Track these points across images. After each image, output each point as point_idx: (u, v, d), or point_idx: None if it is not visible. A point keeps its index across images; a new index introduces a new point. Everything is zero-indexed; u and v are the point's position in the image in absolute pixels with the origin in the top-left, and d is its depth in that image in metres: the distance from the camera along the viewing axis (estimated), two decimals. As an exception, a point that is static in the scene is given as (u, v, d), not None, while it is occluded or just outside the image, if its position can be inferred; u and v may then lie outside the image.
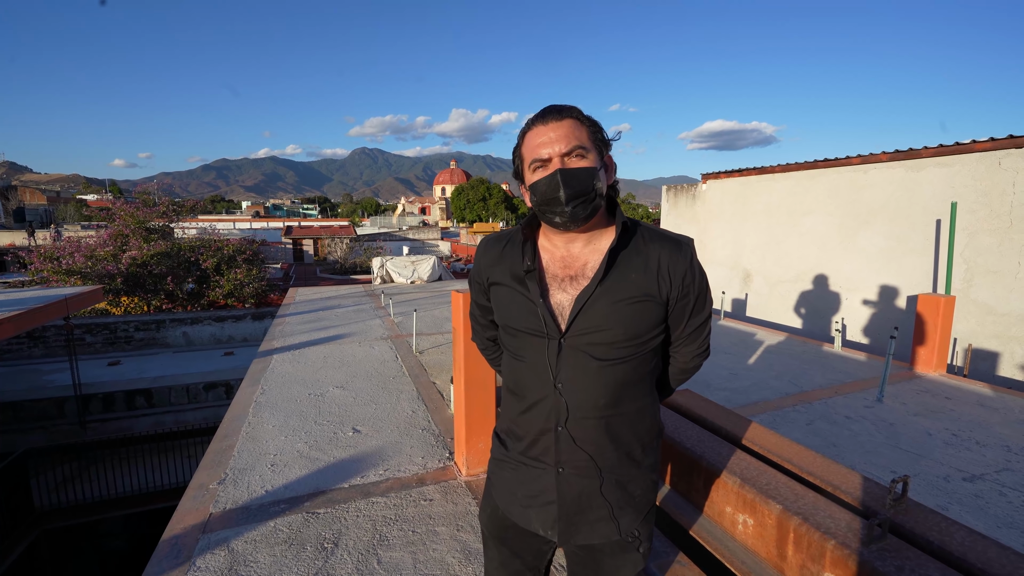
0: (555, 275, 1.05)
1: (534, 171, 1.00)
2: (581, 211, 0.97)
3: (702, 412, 2.11)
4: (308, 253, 32.07)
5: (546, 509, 1.05)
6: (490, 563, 1.21)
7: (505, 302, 1.08)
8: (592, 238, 1.06)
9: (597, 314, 0.98)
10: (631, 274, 1.00)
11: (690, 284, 1.04)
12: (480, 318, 1.26)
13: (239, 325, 12.82)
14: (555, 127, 0.98)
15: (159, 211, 15.50)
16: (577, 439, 1.01)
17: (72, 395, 8.23)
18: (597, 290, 0.98)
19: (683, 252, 1.03)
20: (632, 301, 0.99)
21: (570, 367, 0.99)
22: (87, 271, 12.82)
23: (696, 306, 1.07)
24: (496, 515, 1.14)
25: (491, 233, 1.19)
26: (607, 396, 1.00)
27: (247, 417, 3.43)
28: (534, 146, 0.99)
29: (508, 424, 1.12)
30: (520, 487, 1.08)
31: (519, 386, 1.07)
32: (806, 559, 1.38)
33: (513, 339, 1.08)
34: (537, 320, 1.01)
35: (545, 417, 1.02)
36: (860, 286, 6.09)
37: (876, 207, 5.91)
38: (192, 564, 1.97)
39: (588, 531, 1.05)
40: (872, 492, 1.52)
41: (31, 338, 11.23)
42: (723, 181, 8.00)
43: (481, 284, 1.16)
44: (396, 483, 2.59)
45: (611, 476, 1.03)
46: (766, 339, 5.52)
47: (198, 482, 2.59)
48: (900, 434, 3.12)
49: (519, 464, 1.08)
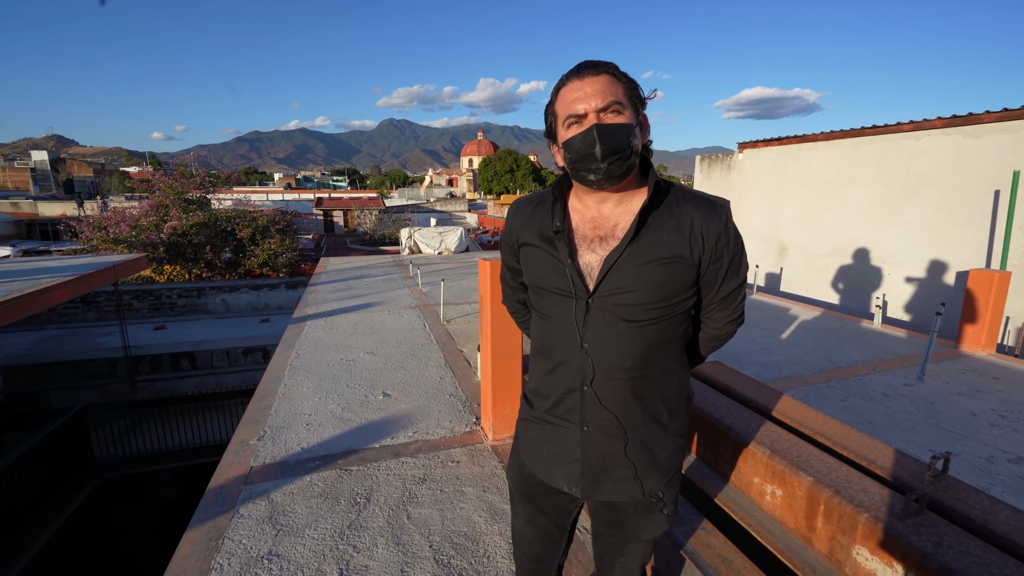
0: (585, 236, 1.03)
1: (568, 127, 0.97)
2: (616, 168, 0.94)
3: (731, 383, 2.08)
4: (338, 224, 32.60)
5: (570, 467, 1.06)
6: (516, 518, 1.24)
7: (534, 262, 1.07)
8: (624, 198, 1.03)
9: (626, 275, 0.96)
10: (663, 235, 0.97)
11: (724, 247, 1.00)
12: (510, 280, 1.25)
13: (274, 293, 13.25)
14: (591, 82, 0.94)
15: (196, 182, 15.94)
16: (602, 399, 1.01)
17: (122, 356, 8.74)
18: (627, 250, 0.96)
19: (718, 214, 1.00)
20: (662, 262, 0.96)
21: (597, 327, 0.98)
22: (132, 240, 13.40)
23: (730, 270, 1.04)
24: (522, 472, 1.16)
25: (523, 195, 1.18)
26: (633, 358, 0.99)
27: (283, 379, 3.57)
28: (569, 101, 0.96)
29: (535, 384, 1.12)
30: (545, 445, 1.09)
31: (546, 346, 1.07)
32: (836, 531, 1.36)
33: (541, 299, 1.07)
34: (565, 280, 1.00)
35: (571, 376, 1.02)
36: (904, 261, 5.80)
37: (927, 177, 5.56)
38: (236, 511, 2.10)
39: (611, 489, 1.06)
40: (910, 468, 1.48)
41: (85, 302, 11.91)
42: (760, 150, 7.65)
43: (511, 246, 1.16)
44: (425, 445, 2.67)
45: (636, 437, 1.03)
46: (801, 314, 5.36)
47: (239, 438, 2.73)
48: (940, 413, 3.01)
49: (544, 423, 1.09)
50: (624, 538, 1.14)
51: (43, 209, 28.91)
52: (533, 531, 1.20)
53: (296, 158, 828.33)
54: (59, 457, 6.32)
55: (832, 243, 6.62)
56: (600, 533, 1.19)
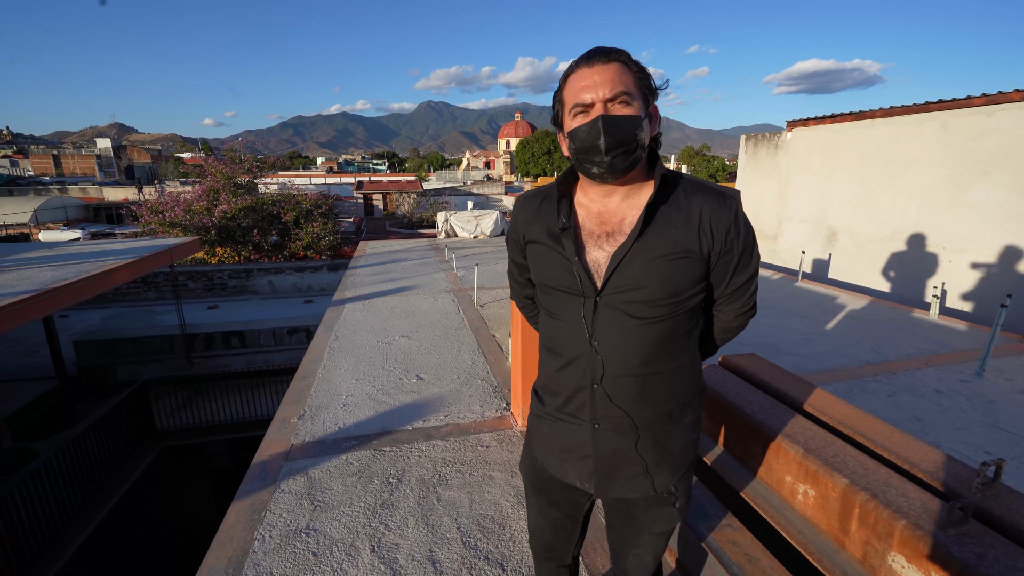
0: (591, 232, 1.01)
1: (574, 117, 0.94)
2: (621, 162, 0.91)
3: (766, 377, 2.01)
4: (378, 208, 33.25)
5: (582, 463, 1.06)
6: (531, 510, 1.26)
7: (541, 260, 1.06)
8: (631, 192, 1.00)
9: (634, 271, 0.94)
10: (670, 229, 0.95)
11: (734, 239, 0.98)
12: (518, 276, 1.25)
13: (317, 275, 13.73)
14: (600, 70, 0.91)
15: (244, 167, 16.58)
16: (612, 396, 1.00)
17: (179, 334, 9.31)
18: (634, 246, 0.94)
19: (727, 205, 0.97)
20: (671, 258, 0.94)
21: (606, 325, 0.97)
22: (186, 223, 14.14)
23: (740, 263, 1.01)
24: (535, 467, 1.17)
25: (529, 190, 1.16)
26: (643, 355, 0.97)
27: (323, 360, 3.71)
28: (576, 90, 0.93)
29: (545, 380, 1.12)
30: (556, 442, 1.09)
31: (555, 343, 1.06)
32: (871, 536, 1.30)
33: (549, 297, 1.06)
34: (572, 278, 0.99)
35: (580, 374, 1.01)
36: (968, 247, 5.39)
37: (999, 155, 5.11)
38: (277, 486, 2.22)
39: (624, 485, 1.05)
40: (957, 473, 1.39)
41: (145, 283, 12.73)
42: (811, 129, 7.23)
43: (518, 242, 1.15)
44: (455, 428, 2.73)
45: (647, 433, 1.02)
46: (848, 303, 5.10)
47: (281, 416, 2.87)
48: (1000, 412, 2.82)
49: (555, 420, 1.09)
50: (636, 531, 1.14)
51: (108, 194, 30.90)
52: (545, 522, 1.21)
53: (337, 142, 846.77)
54: (125, 426, 6.85)
55: (888, 227, 6.23)
56: (613, 525, 1.20)
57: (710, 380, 2.05)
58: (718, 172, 44.41)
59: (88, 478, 5.93)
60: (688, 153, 50.48)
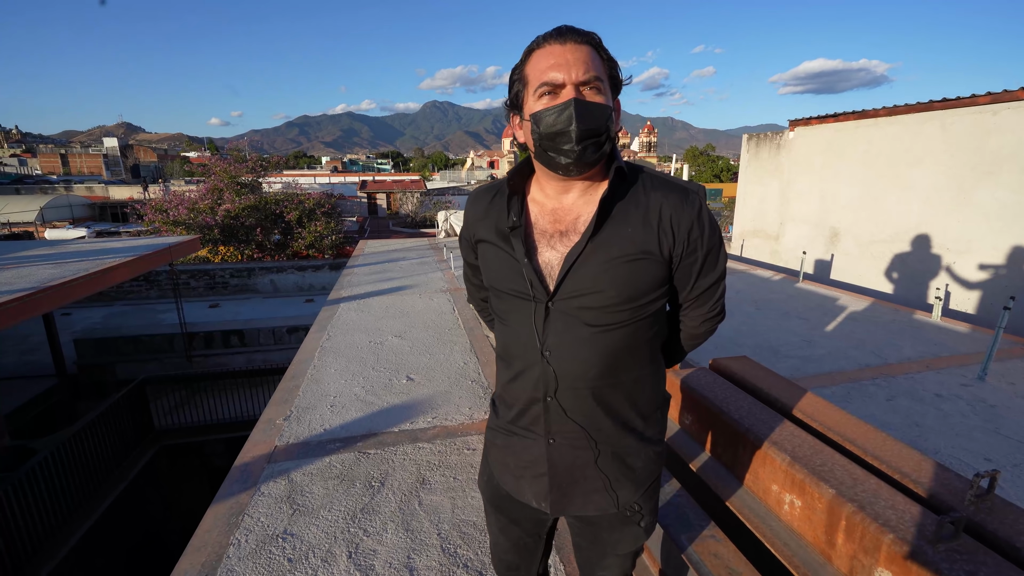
0: (544, 231, 0.93)
1: (540, 97, 0.85)
2: (591, 154, 0.84)
3: (756, 381, 1.95)
4: (381, 207, 33.29)
5: (538, 480, 1.00)
6: (491, 528, 1.19)
7: (491, 261, 0.99)
8: (588, 188, 0.93)
9: (588, 274, 0.87)
10: (627, 228, 0.88)
11: (697, 239, 0.90)
12: (472, 278, 1.18)
13: (318, 274, 13.73)
14: (574, 49, 0.82)
15: (248, 167, 16.63)
16: (568, 410, 0.93)
17: (179, 332, 9.32)
18: (588, 246, 0.87)
19: (689, 202, 0.89)
20: (628, 259, 0.87)
21: (558, 333, 0.90)
22: (189, 222, 14.19)
23: (706, 264, 0.94)
24: (492, 483, 1.11)
25: (481, 184, 1.09)
26: (600, 365, 0.90)
27: (313, 360, 3.68)
28: (545, 67, 0.83)
29: (500, 391, 1.06)
30: (512, 457, 1.03)
31: (507, 352, 0.99)
32: (858, 550, 1.25)
33: (499, 301, 0.99)
34: (523, 281, 0.91)
35: (533, 386, 0.94)
36: (972, 248, 5.29)
37: (1005, 155, 5.01)
38: (257, 490, 2.18)
39: (582, 502, 0.99)
40: (950, 485, 1.33)
41: (147, 281, 12.76)
42: (814, 128, 7.13)
43: (469, 241, 1.08)
44: (442, 431, 2.69)
45: (607, 448, 0.95)
46: (850, 305, 5.01)
47: (267, 417, 2.84)
48: (1002, 418, 2.74)
49: (509, 434, 1.02)
50: (601, 552, 1.08)
51: (113, 193, 31.08)
52: (507, 541, 1.15)
53: (343, 142, 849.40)
54: (123, 424, 6.85)
55: (890, 228, 6.13)
56: (579, 545, 1.13)
57: (699, 383, 2.00)
58: (722, 172, 44.20)
59: (85, 476, 5.93)
60: (693, 153, 50.23)
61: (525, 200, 0.98)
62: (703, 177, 42.19)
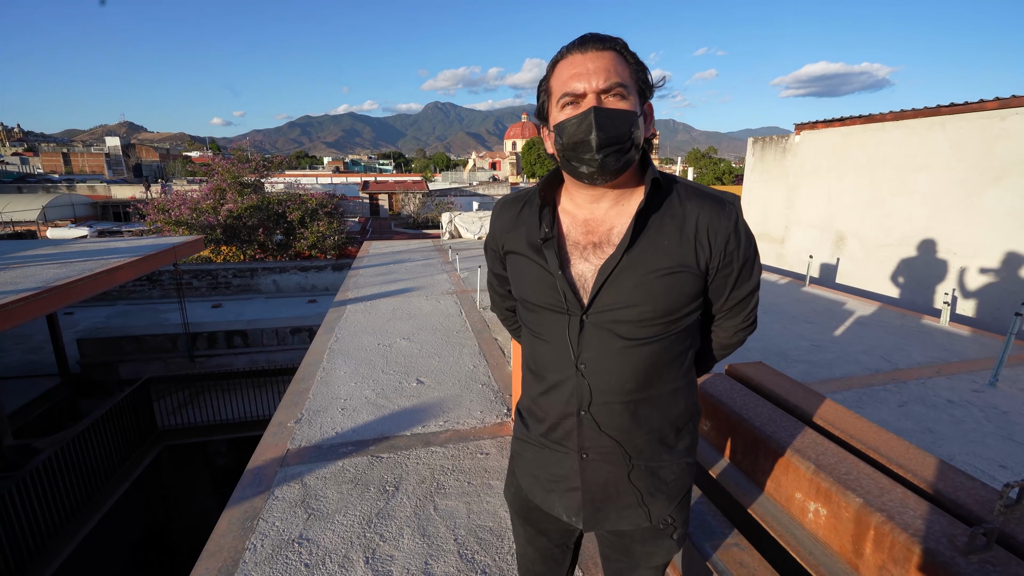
0: (576, 242, 0.92)
1: (563, 108, 0.85)
2: (613, 162, 0.82)
3: (775, 388, 1.94)
4: (383, 208, 33.29)
5: (569, 495, 0.98)
6: (518, 538, 1.18)
7: (521, 273, 0.97)
8: (621, 198, 0.91)
9: (623, 288, 0.86)
10: (663, 241, 0.87)
11: (734, 251, 0.89)
12: (498, 287, 1.16)
13: (321, 275, 13.73)
14: (595, 57, 0.82)
15: (251, 167, 16.62)
16: (602, 424, 0.91)
17: (182, 332, 9.31)
18: (623, 260, 0.86)
19: (726, 213, 0.88)
20: (664, 272, 0.86)
21: (594, 347, 0.88)
22: (192, 222, 14.18)
23: (741, 275, 0.93)
24: (520, 495, 1.09)
25: (508, 194, 1.07)
26: (635, 379, 0.89)
27: (322, 363, 3.67)
28: (567, 78, 0.83)
29: (528, 403, 1.03)
30: (542, 470, 1.01)
31: (538, 365, 0.97)
32: (887, 560, 1.24)
33: (531, 314, 0.97)
34: (556, 294, 0.90)
35: (566, 400, 0.92)
36: (980, 253, 5.29)
37: (1013, 160, 5.00)
38: (271, 493, 2.18)
39: (616, 518, 0.98)
40: (978, 495, 1.33)
41: (150, 281, 12.76)
42: (820, 132, 7.13)
43: (496, 252, 1.06)
44: (455, 435, 2.68)
45: (640, 462, 0.94)
46: (857, 309, 5.01)
47: (278, 420, 2.83)
48: (1015, 424, 2.73)
49: (540, 447, 1.00)
50: (633, 565, 1.06)
51: (116, 192, 31.10)
52: (534, 551, 1.14)
53: (344, 142, 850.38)
54: (127, 424, 6.84)
55: (897, 232, 6.13)
56: (608, 556, 1.12)
57: (716, 389, 1.99)
58: (724, 175, 44.17)
59: (88, 475, 5.92)
60: (695, 155, 50.26)
61: (556, 211, 0.97)
62: (705, 179, 42.18)
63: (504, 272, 1.07)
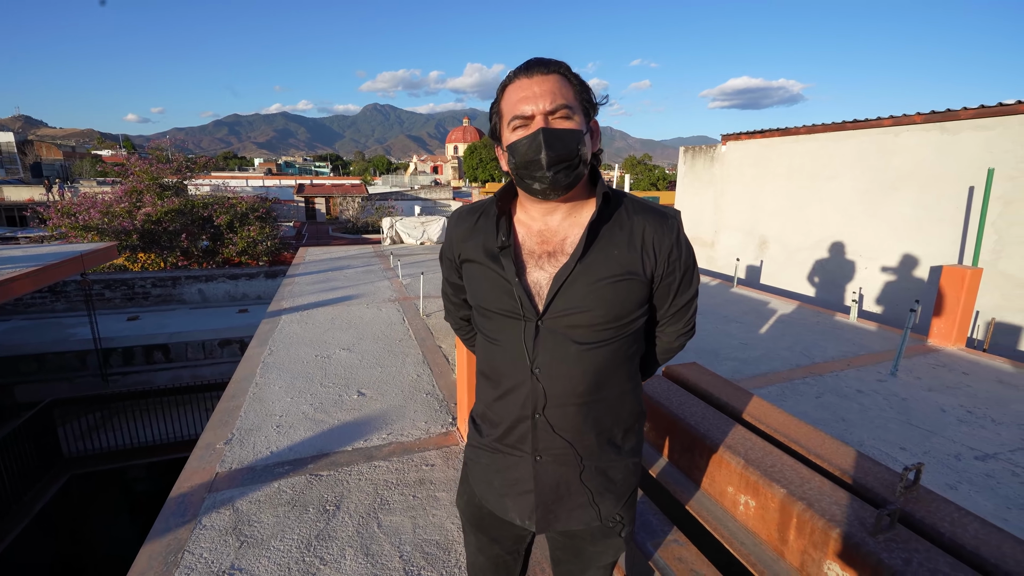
0: (532, 251, 0.97)
1: (514, 130, 0.90)
2: (564, 178, 0.88)
3: (708, 387, 2.06)
4: (320, 212, 32.02)
5: (523, 498, 1.01)
6: (469, 547, 1.19)
7: (478, 281, 1.00)
8: (573, 210, 0.97)
9: (577, 294, 0.91)
10: (613, 250, 0.93)
11: (676, 260, 0.97)
12: (452, 297, 1.19)
13: (253, 283, 12.97)
14: (540, 81, 0.88)
15: (173, 167, 15.44)
16: (556, 426, 0.95)
17: (92, 348, 8.47)
18: (577, 268, 0.91)
19: (669, 226, 0.96)
20: (614, 280, 0.91)
21: (548, 351, 0.93)
22: (103, 227, 12.95)
23: (682, 284, 1.00)
24: (473, 502, 1.11)
25: (464, 204, 1.11)
26: (587, 382, 0.94)
27: (254, 378, 3.46)
28: (515, 101, 0.89)
29: (483, 409, 1.06)
30: (496, 475, 1.04)
31: (494, 371, 1.01)
32: (808, 545, 1.34)
33: (487, 321, 1.00)
34: (512, 301, 0.94)
35: (521, 404, 0.96)
36: (881, 255, 5.88)
37: (905, 172, 5.61)
38: (198, 522, 2.02)
39: (567, 518, 1.01)
40: (882, 478, 1.46)
41: (52, 292, 11.50)
42: (744, 143, 7.65)
43: (452, 261, 1.09)
44: (399, 447, 2.61)
45: (591, 463, 0.99)
46: (779, 308, 5.40)
47: (205, 441, 2.63)
48: (912, 410, 3.05)
49: (494, 451, 1.03)
50: (583, 565, 1.10)
51: (9, 193, 27.84)
52: (486, 560, 1.15)
53: (277, 143, 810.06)
54: (25, 453, 6.12)
55: (812, 237, 6.68)
56: (559, 559, 1.15)
57: (655, 391, 2.07)
58: (659, 181, 46.26)
59: (-22, 515, 5.24)
60: (631, 162, 52.30)
61: (512, 221, 1.00)
62: (641, 185, 43.99)
63: (460, 281, 1.10)
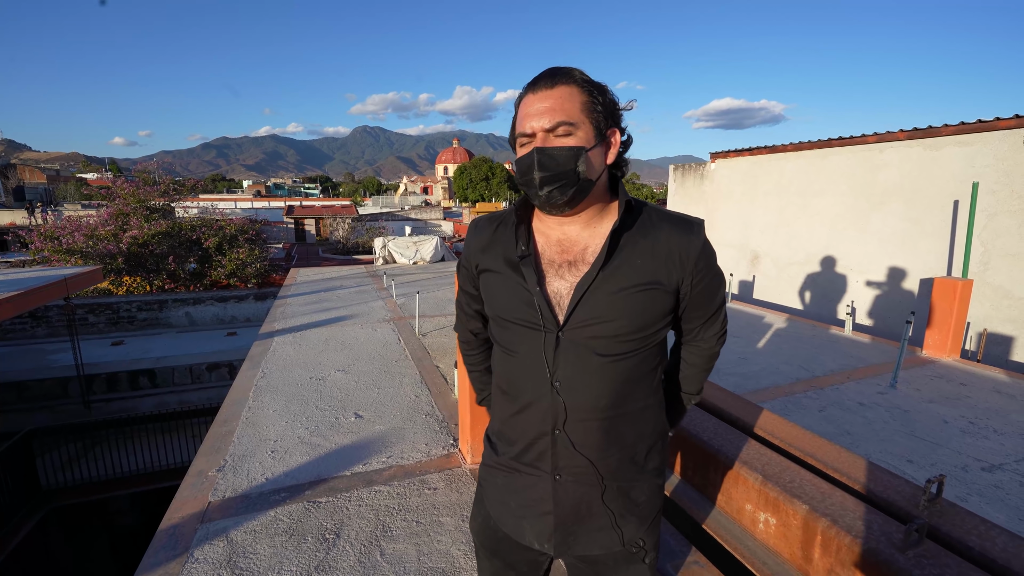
0: (552, 260, 0.94)
1: (521, 146, 0.90)
2: (559, 195, 0.86)
3: (718, 402, 2.03)
4: (310, 233, 31.88)
5: (542, 520, 0.96)
6: (483, 573, 1.12)
7: (497, 290, 0.97)
8: (592, 219, 0.95)
9: (599, 304, 0.88)
10: (636, 259, 0.90)
11: (704, 268, 0.95)
12: (466, 307, 1.15)
13: (242, 305, 12.77)
14: (544, 97, 0.86)
15: (160, 190, 15.32)
16: (576, 443, 0.91)
17: (75, 375, 8.23)
18: (598, 277, 0.88)
19: (695, 234, 0.94)
20: (638, 289, 0.89)
21: (570, 363, 0.89)
22: (88, 250, 12.73)
23: (712, 286, 0.99)
24: (488, 525, 1.05)
25: (483, 214, 1.08)
26: (610, 395, 0.90)
27: (247, 401, 3.36)
28: (521, 118, 0.89)
29: (499, 426, 1.02)
30: (513, 496, 0.99)
31: (511, 385, 0.97)
32: (834, 563, 1.30)
33: (505, 331, 0.97)
34: (532, 311, 0.91)
35: (541, 419, 0.92)
36: (871, 269, 5.96)
37: (891, 188, 5.73)
38: (190, 555, 1.92)
39: (587, 541, 0.96)
40: (903, 492, 1.44)
41: (33, 318, 11.21)
42: (732, 160, 7.79)
43: (470, 270, 1.06)
44: (399, 471, 2.53)
45: (613, 482, 0.94)
46: (775, 322, 5.42)
47: (197, 469, 2.53)
48: (915, 422, 3.04)
49: (511, 471, 0.98)
50: None
51: (-9, 218, 27.35)
52: None
53: (266, 165, 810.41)
54: (1, 486, 5.86)
55: (803, 252, 6.76)
56: None
57: (663, 407, 2.03)
58: (648, 199, 46.99)
59: (-51, 554, 4.97)
60: (619, 181, 53.06)
61: (531, 230, 0.98)
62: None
63: (476, 291, 1.07)
